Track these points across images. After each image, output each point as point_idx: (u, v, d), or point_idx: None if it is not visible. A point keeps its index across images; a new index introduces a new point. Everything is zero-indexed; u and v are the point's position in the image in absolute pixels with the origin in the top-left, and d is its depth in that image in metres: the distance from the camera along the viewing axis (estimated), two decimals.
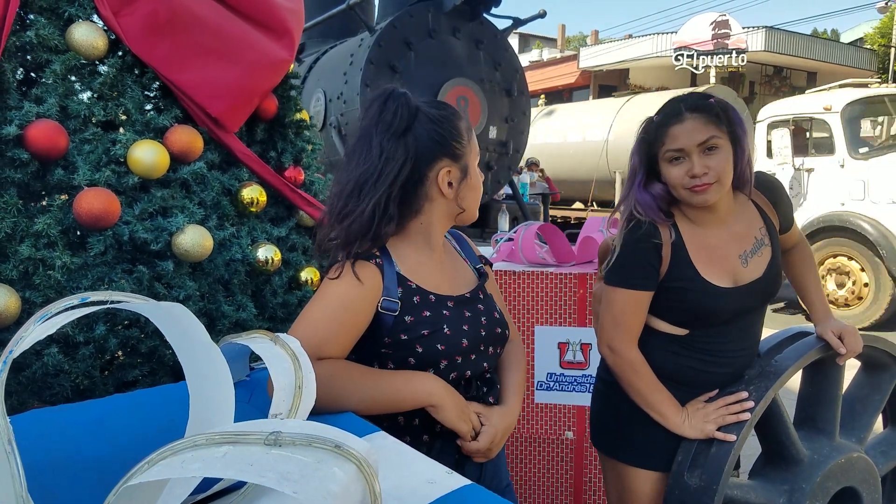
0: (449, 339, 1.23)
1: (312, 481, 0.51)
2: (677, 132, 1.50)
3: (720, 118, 1.50)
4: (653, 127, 1.55)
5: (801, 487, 1.60)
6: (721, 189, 1.51)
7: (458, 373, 1.25)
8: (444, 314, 1.25)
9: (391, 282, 1.22)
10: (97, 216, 1.43)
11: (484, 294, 1.37)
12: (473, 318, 1.29)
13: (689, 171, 1.49)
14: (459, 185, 1.28)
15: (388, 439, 0.94)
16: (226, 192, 1.75)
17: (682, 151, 1.49)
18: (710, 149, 1.48)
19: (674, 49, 23.82)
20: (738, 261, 1.57)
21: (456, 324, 1.25)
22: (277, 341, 0.90)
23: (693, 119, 1.49)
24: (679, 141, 1.49)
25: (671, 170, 1.52)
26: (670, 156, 1.51)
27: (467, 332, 1.26)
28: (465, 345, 1.25)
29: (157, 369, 1.56)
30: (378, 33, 3.68)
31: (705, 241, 1.57)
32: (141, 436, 0.95)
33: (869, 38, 27.27)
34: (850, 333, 1.62)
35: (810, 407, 1.73)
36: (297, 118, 1.99)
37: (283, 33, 1.84)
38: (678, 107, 1.52)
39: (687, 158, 1.49)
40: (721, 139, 1.49)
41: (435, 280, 1.29)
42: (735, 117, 1.53)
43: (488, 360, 1.33)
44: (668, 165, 1.52)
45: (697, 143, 1.48)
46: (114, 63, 1.59)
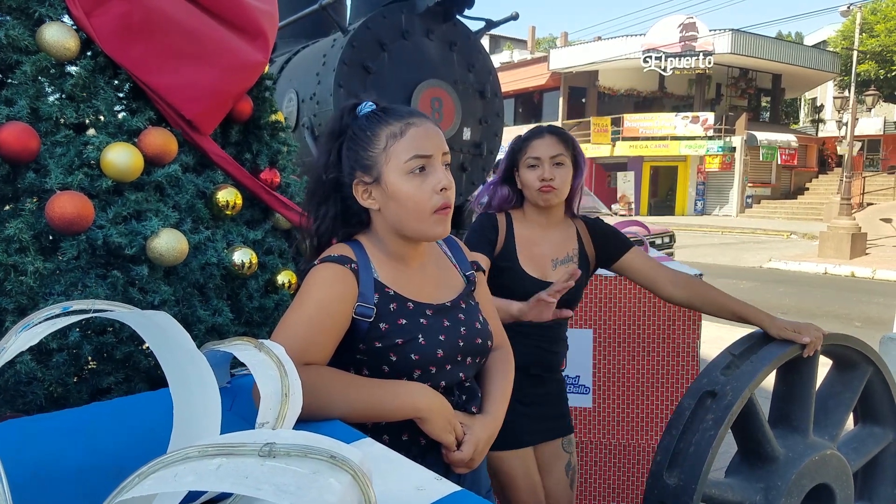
0: (423, 349, 1.20)
1: (310, 493, 0.50)
2: (537, 145, 1.96)
3: (568, 143, 1.98)
4: (520, 140, 2.03)
5: (776, 485, 1.63)
6: (560, 195, 1.95)
7: (432, 383, 1.22)
8: (420, 323, 1.22)
9: (367, 288, 1.20)
10: (70, 220, 1.40)
11: (467, 303, 1.33)
12: (452, 327, 1.26)
13: (540, 175, 1.93)
14: (380, 196, 1.22)
15: (375, 446, 0.93)
16: (200, 195, 1.72)
17: (538, 160, 1.94)
18: (558, 163, 1.94)
19: (642, 51, 24.13)
20: (549, 263, 1.98)
21: (432, 334, 1.22)
22: (262, 348, 0.89)
23: (549, 137, 1.96)
24: (537, 151, 1.95)
25: (528, 173, 1.96)
26: (529, 162, 1.96)
27: (443, 342, 1.23)
28: (439, 355, 1.22)
29: (132, 376, 1.53)
30: (351, 34, 3.66)
31: (530, 238, 1.99)
32: (123, 444, 0.93)
33: (832, 41, 27.92)
34: (805, 326, 1.72)
35: (785, 405, 1.77)
36: (272, 120, 1.97)
37: (256, 35, 1.82)
38: (541, 129, 2.01)
39: (540, 166, 1.93)
40: (566, 158, 1.96)
41: (414, 287, 1.26)
42: (578, 149, 2.02)
43: (465, 370, 1.29)
44: (526, 170, 1.97)
45: (550, 156, 1.93)
46: (85, 64, 1.55)
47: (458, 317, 1.28)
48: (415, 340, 1.20)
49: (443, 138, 1.24)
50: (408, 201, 1.20)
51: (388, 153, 1.20)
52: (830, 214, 16.71)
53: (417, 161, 1.19)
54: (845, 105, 18.59)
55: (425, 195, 1.20)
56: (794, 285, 10.44)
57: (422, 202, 1.19)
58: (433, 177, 1.20)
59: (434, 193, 1.20)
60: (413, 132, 1.21)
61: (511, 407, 1.84)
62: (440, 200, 1.20)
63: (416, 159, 1.19)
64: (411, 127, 1.21)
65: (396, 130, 1.21)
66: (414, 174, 1.19)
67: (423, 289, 1.28)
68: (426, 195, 1.20)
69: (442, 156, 1.22)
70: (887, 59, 23.85)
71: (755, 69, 26.67)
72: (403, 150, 1.19)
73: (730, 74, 27.02)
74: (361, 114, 1.26)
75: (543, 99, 29.70)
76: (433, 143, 1.21)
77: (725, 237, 18.42)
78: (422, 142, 1.20)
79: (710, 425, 1.53)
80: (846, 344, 1.79)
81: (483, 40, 4.42)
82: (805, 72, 26.00)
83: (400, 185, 1.20)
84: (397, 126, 1.21)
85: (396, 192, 1.20)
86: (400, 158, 1.19)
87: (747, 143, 24.34)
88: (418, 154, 1.19)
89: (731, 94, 27.77)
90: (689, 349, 2.66)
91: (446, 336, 1.24)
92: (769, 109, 29.41)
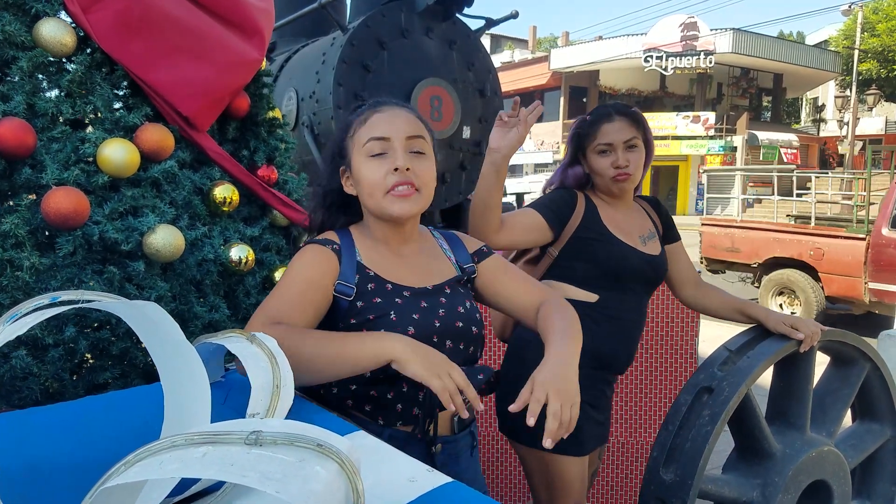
0: (393, 325, 1.20)
1: (295, 480, 0.50)
2: (607, 129, 1.82)
3: (639, 123, 1.84)
4: (585, 124, 1.87)
5: (773, 481, 1.62)
6: (634, 181, 1.85)
7: None
8: (395, 302, 1.23)
9: (349, 268, 1.25)
10: (66, 216, 1.40)
11: (453, 289, 1.32)
12: (428, 309, 1.25)
13: (614, 162, 1.80)
14: (355, 182, 1.29)
15: (368, 438, 0.93)
16: (197, 192, 1.72)
17: (610, 146, 1.81)
18: (631, 146, 1.81)
19: (643, 51, 24.11)
20: (638, 238, 1.87)
21: (405, 312, 1.23)
22: (254, 340, 0.89)
23: (620, 120, 1.82)
24: (608, 136, 1.81)
25: (599, 160, 1.83)
26: (600, 148, 1.82)
27: (416, 321, 1.22)
28: (410, 333, 1.20)
29: (128, 371, 1.53)
30: (351, 32, 3.66)
31: (614, 215, 1.87)
32: (116, 438, 0.93)
33: (833, 41, 27.86)
34: (803, 321, 1.73)
35: (782, 402, 1.77)
36: (269, 116, 1.97)
37: (253, 32, 1.82)
38: (608, 110, 1.86)
39: (613, 152, 1.81)
40: (639, 140, 1.83)
41: (397, 271, 1.29)
42: (647, 127, 1.87)
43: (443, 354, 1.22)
44: (596, 157, 1.83)
45: (623, 140, 1.80)
46: (82, 60, 1.55)
47: (437, 300, 1.28)
48: (386, 317, 1.21)
49: (411, 124, 1.27)
50: (365, 182, 1.25)
51: (354, 139, 1.27)
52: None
53: (374, 144, 1.24)
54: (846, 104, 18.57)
55: (380, 175, 1.23)
56: None
57: (376, 182, 1.24)
58: (390, 158, 1.24)
59: (388, 174, 1.23)
60: (375, 117, 1.27)
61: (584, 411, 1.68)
62: (393, 180, 1.23)
63: (372, 142, 1.24)
64: (375, 113, 1.27)
65: (362, 118, 1.28)
66: (373, 158, 1.24)
67: (405, 273, 1.29)
68: (380, 175, 1.23)
69: (406, 140, 1.25)
70: (889, 59, 23.81)
71: (756, 69, 26.63)
72: (364, 134, 1.26)
73: (731, 74, 26.98)
74: None
75: (544, 98, 29.67)
76: (393, 126, 1.25)
77: None
78: (380, 126, 1.25)
79: (707, 421, 1.53)
80: (844, 340, 1.78)
81: (484, 40, 4.41)
82: (806, 71, 25.95)
83: (360, 167, 1.26)
84: (364, 115, 1.28)
85: (358, 175, 1.26)
86: (361, 142, 1.26)
87: (748, 143, 24.30)
88: (374, 136, 1.24)
89: (732, 93, 27.73)
90: (687, 347, 2.66)
91: (420, 315, 1.24)
92: (770, 109, 29.37)
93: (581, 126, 1.89)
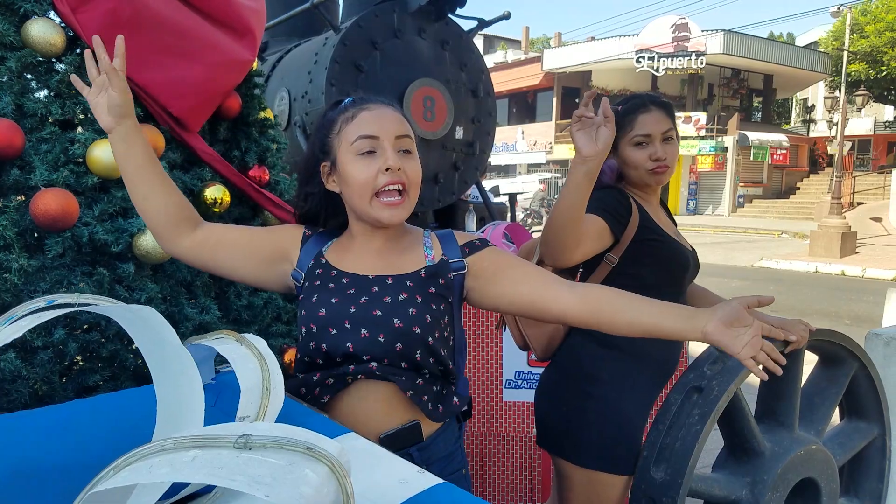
0: (311, 306, 1.22)
1: (284, 484, 0.50)
2: (644, 120, 1.73)
3: (673, 115, 1.78)
4: (618, 115, 1.72)
5: (762, 479, 1.63)
6: (671, 174, 1.76)
7: (314, 342, 1.21)
8: (328, 286, 1.24)
9: (308, 256, 1.30)
10: (55, 217, 1.40)
11: (400, 282, 1.24)
12: (353, 295, 1.22)
13: (652, 154, 1.72)
14: (338, 180, 1.26)
15: (359, 440, 0.93)
16: (188, 192, 1.72)
17: (648, 137, 1.72)
18: (668, 139, 1.74)
19: (635, 51, 24.18)
20: (675, 233, 1.82)
21: (327, 295, 1.23)
22: (243, 342, 0.89)
23: (657, 111, 1.74)
24: (646, 128, 1.72)
25: (636, 152, 1.73)
26: (637, 140, 1.73)
27: (332, 304, 1.21)
28: (321, 314, 1.20)
29: (118, 374, 1.53)
30: (343, 32, 3.65)
31: (656, 213, 1.79)
32: (107, 441, 0.92)
33: (823, 42, 28.01)
34: (790, 322, 1.67)
35: (770, 401, 1.77)
36: (261, 117, 1.97)
37: (244, 33, 1.82)
38: (644, 100, 1.76)
39: (651, 144, 1.72)
40: (674, 133, 1.76)
41: (355, 262, 1.28)
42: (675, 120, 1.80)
43: (357, 342, 1.18)
44: (633, 149, 1.74)
45: (661, 132, 1.72)
46: (72, 61, 1.55)
47: (370, 289, 1.23)
48: (310, 298, 1.24)
49: (400, 123, 1.24)
50: (353, 182, 1.22)
51: (341, 136, 1.24)
52: (821, 214, 16.78)
53: (364, 142, 1.21)
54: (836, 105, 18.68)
55: (370, 175, 1.20)
56: (785, 284, 10.49)
57: (366, 183, 1.20)
58: (381, 158, 1.21)
59: (379, 174, 1.20)
60: (363, 115, 1.23)
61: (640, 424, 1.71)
62: (384, 180, 1.20)
63: (361, 140, 1.21)
64: (363, 111, 1.24)
65: (349, 115, 1.24)
66: (362, 156, 1.21)
67: (362, 264, 1.28)
68: (370, 175, 1.20)
69: (395, 140, 1.22)
70: (877, 60, 23.95)
71: (747, 69, 26.75)
72: (351, 132, 1.22)
73: (722, 75, 27.09)
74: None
75: (537, 99, 29.73)
76: (382, 125, 1.22)
77: (717, 236, 18.47)
78: (369, 124, 1.22)
79: (697, 420, 1.53)
80: (832, 339, 1.79)
81: (477, 40, 4.42)
82: (796, 72, 26.10)
83: (348, 166, 1.22)
84: (351, 111, 1.25)
85: (345, 174, 1.23)
86: (349, 140, 1.22)
87: (739, 143, 24.42)
88: (363, 135, 1.21)
89: (723, 94, 27.84)
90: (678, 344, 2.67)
91: (339, 300, 1.22)
92: (761, 109, 29.51)
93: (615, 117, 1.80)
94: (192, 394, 0.79)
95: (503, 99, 28.20)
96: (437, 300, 1.25)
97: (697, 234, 18.77)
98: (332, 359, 1.20)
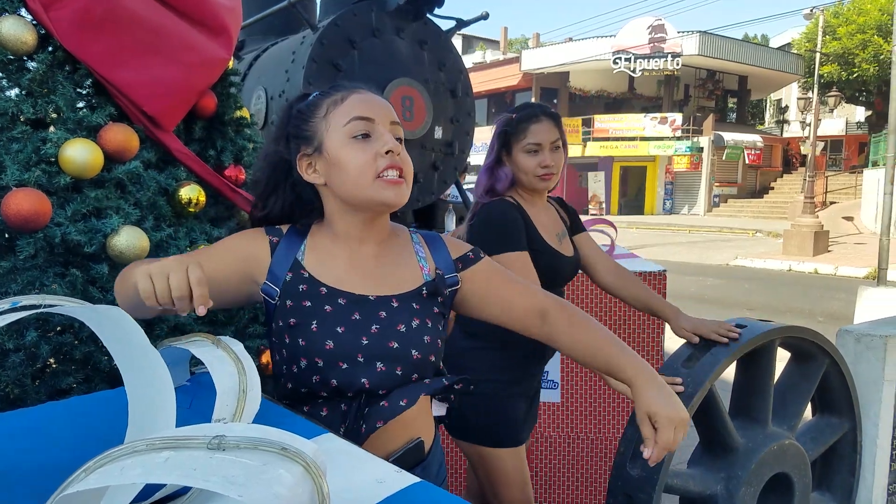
0: (312, 336, 1.09)
1: (258, 484, 0.50)
2: (536, 130, 1.89)
3: (561, 126, 1.94)
4: (513, 122, 1.93)
5: (736, 474, 1.66)
6: (556, 181, 1.93)
7: (321, 377, 1.10)
8: (324, 309, 1.11)
9: (280, 267, 1.14)
10: (26, 218, 1.38)
11: (405, 303, 1.16)
12: (360, 322, 1.11)
13: (541, 162, 1.88)
14: (323, 167, 1.15)
15: (336, 441, 0.93)
16: (163, 192, 1.70)
17: (539, 146, 1.88)
18: (556, 147, 1.91)
19: (612, 53, 24.37)
20: (555, 237, 1.96)
21: (330, 323, 1.10)
22: (219, 344, 0.88)
23: (547, 121, 1.90)
24: (538, 136, 1.88)
25: (528, 159, 1.89)
26: (529, 147, 1.89)
27: (340, 335, 1.09)
28: (328, 347, 1.09)
29: (92, 376, 1.51)
30: (321, 31, 3.64)
31: (537, 214, 1.94)
32: (80, 444, 0.91)
33: (796, 44, 28.44)
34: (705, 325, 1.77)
35: (744, 397, 1.80)
36: (237, 116, 1.95)
37: (220, 31, 1.80)
38: (536, 110, 1.93)
39: (541, 152, 1.88)
40: (560, 142, 1.92)
41: (343, 274, 1.16)
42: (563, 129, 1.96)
43: (371, 376, 1.10)
44: (524, 155, 1.90)
45: (550, 141, 1.89)
46: (44, 59, 1.52)
47: (377, 314, 1.13)
48: (307, 325, 1.10)
49: (391, 110, 1.16)
50: (349, 165, 1.11)
51: (328, 120, 1.14)
52: (794, 213, 17.04)
53: (358, 124, 1.12)
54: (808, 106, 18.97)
55: (368, 157, 1.11)
56: (760, 282, 10.63)
57: (365, 165, 1.11)
58: (378, 141, 1.12)
59: (378, 156, 1.11)
60: (355, 97, 1.15)
61: (517, 404, 1.92)
62: (384, 163, 1.11)
63: (355, 121, 1.12)
64: (353, 94, 1.16)
65: (338, 98, 1.15)
66: (356, 139, 1.12)
67: (354, 277, 1.16)
68: (369, 157, 1.11)
69: (390, 125, 1.15)
70: (849, 62, 24.39)
71: (722, 71, 27.08)
72: (343, 114, 1.13)
73: (697, 76, 27.39)
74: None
75: (516, 99, 29.81)
76: (376, 108, 1.14)
77: (693, 236, 18.67)
78: (363, 106, 1.14)
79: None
80: (803, 336, 1.83)
81: (456, 40, 4.43)
82: (770, 73, 26.48)
83: (340, 150, 1.12)
84: (339, 94, 1.16)
85: (337, 158, 1.12)
86: (339, 122, 1.13)
87: (714, 144, 24.72)
88: (358, 116, 1.12)
89: (698, 95, 28.16)
90: (654, 344, 2.70)
91: (347, 329, 1.10)
92: (736, 110, 29.90)
93: (509, 124, 1.94)
94: (163, 394, 0.78)
95: (482, 99, 28.25)
96: (440, 319, 1.20)
97: (674, 234, 18.97)
98: (342, 393, 1.11)
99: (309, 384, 1.11)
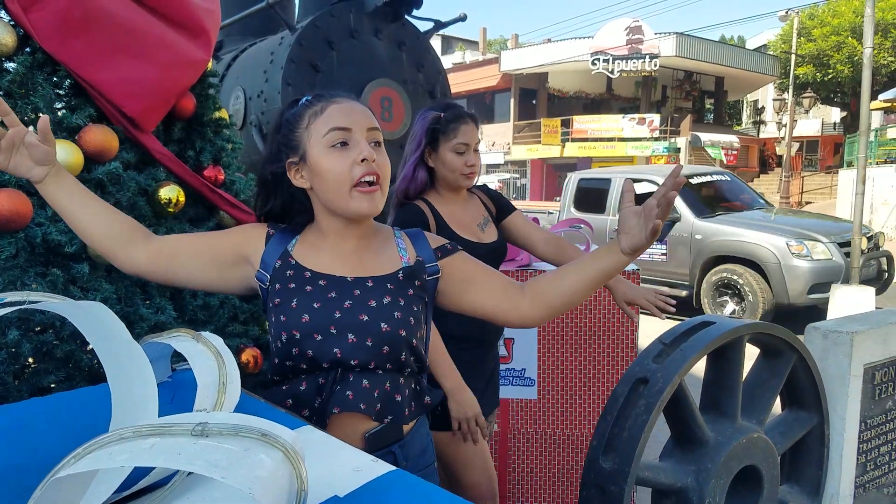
0: (291, 312, 1.20)
1: (240, 468, 0.53)
2: (465, 131, 2.01)
3: (478, 129, 2.08)
4: (444, 121, 2.02)
5: (706, 467, 1.70)
6: (476, 179, 2.09)
7: (298, 349, 1.20)
8: (305, 289, 1.22)
9: (272, 256, 1.27)
10: (7, 217, 1.39)
11: (380, 283, 1.26)
12: (335, 299, 1.22)
13: (467, 161, 2.01)
14: (308, 174, 1.25)
15: (314, 432, 0.96)
16: (142, 193, 1.71)
17: (466, 146, 2.01)
18: (476, 149, 2.05)
19: (590, 54, 24.52)
20: (476, 227, 2.08)
21: (308, 299, 1.21)
22: (200, 339, 0.91)
23: (472, 124, 2.04)
24: (467, 137, 2.01)
25: (455, 158, 2.01)
26: (458, 148, 2.00)
27: (316, 309, 1.20)
28: (304, 320, 1.19)
29: (73, 374, 1.52)
30: (299, 32, 3.65)
31: (454, 209, 2.06)
32: (62, 439, 0.93)
33: (772, 45, 28.82)
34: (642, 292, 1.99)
35: (714, 392, 1.85)
36: (215, 117, 1.97)
37: (199, 33, 1.82)
38: (463, 112, 2.05)
39: (468, 152, 2.01)
40: (478, 145, 2.07)
41: (327, 262, 1.27)
42: None
43: (344, 347, 1.19)
44: (451, 154, 2.01)
45: (474, 143, 2.04)
46: (23, 60, 1.53)
47: (352, 292, 1.23)
48: (288, 303, 1.21)
49: (369, 117, 1.25)
50: (328, 174, 1.21)
51: (310, 130, 1.23)
52: None
53: (336, 134, 1.21)
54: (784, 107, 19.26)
55: (345, 167, 1.20)
56: None
57: (341, 174, 1.20)
58: (355, 149, 1.21)
59: (354, 165, 1.20)
60: (333, 108, 1.23)
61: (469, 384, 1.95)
62: (360, 171, 1.20)
63: (333, 132, 1.20)
64: (332, 104, 1.24)
65: (318, 108, 1.24)
66: (335, 148, 1.21)
67: (336, 264, 1.27)
68: (345, 167, 1.20)
69: (367, 132, 1.23)
70: (824, 63, 24.78)
71: (699, 72, 27.36)
72: (322, 124, 1.22)
73: (675, 77, 27.66)
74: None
75: (495, 100, 29.92)
76: (353, 118, 1.22)
77: None
78: (340, 116, 1.22)
79: (643, 411, 1.59)
80: (772, 333, 1.88)
81: (435, 41, 4.46)
82: (747, 74, 26.81)
83: (320, 159, 1.21)
84: (319, 105, 1.25)
85: (318, 167, 1.22)
86: (319, 132, 1.22)
87: (692, 144, 24.96)
88: (335, 126, 1.20)
89: (676, 95, 28.43)
90: (628, 341, 2.76)
91: (322, 304, 1.21)
92: (713, 111, 30.22)
93: (439, 123, 2.02)
94: (146, 388, 0.81)
95: (461, 100, 28.28)
96: (417, 301, 1.28)
97: None
98: (317, 364, 1.21)
99: (290, 356, 1.22)
